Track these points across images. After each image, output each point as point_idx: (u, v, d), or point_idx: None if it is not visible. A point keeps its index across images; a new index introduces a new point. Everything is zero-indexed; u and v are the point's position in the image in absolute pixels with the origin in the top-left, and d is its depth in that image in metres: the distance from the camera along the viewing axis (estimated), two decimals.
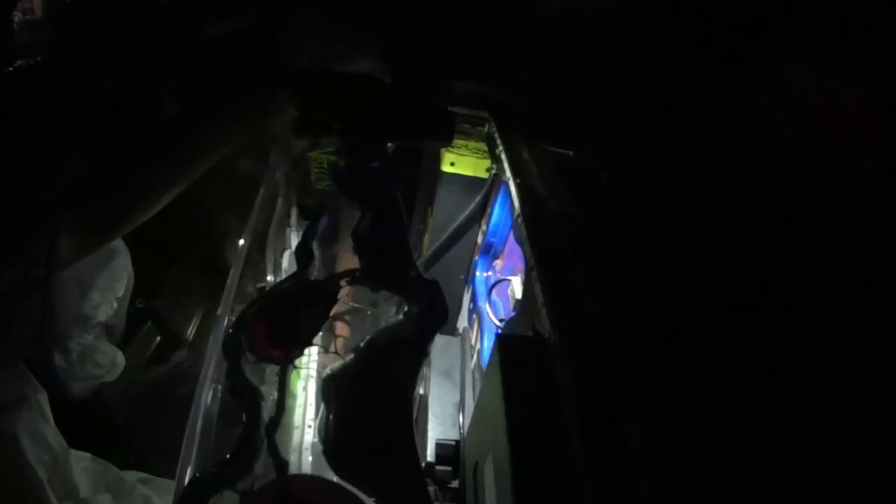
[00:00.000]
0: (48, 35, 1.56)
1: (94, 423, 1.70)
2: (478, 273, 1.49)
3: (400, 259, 0.94)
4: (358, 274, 0.94)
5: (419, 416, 1.41)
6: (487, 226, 1.44)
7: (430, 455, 1.20)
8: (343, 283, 0.94)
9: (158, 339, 2.02)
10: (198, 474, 0.89)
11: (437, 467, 1.17)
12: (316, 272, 0.96)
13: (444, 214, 1.54)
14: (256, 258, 1.18)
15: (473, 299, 1.48)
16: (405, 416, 0.91)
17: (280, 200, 1.33)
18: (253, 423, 0.88)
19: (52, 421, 1.46)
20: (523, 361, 0.89)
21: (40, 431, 1.45)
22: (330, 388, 0.88)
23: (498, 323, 1.29)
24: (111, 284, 1.83)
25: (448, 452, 1.16)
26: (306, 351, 0.93)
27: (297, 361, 0.93)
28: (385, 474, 0.89)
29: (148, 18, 1.45)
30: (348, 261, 1.51)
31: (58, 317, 1.66)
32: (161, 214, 1.30)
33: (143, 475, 1.51)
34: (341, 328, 1.65)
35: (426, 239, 1.60)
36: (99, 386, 1.81)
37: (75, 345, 1.74)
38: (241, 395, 0.89)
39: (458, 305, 1.58)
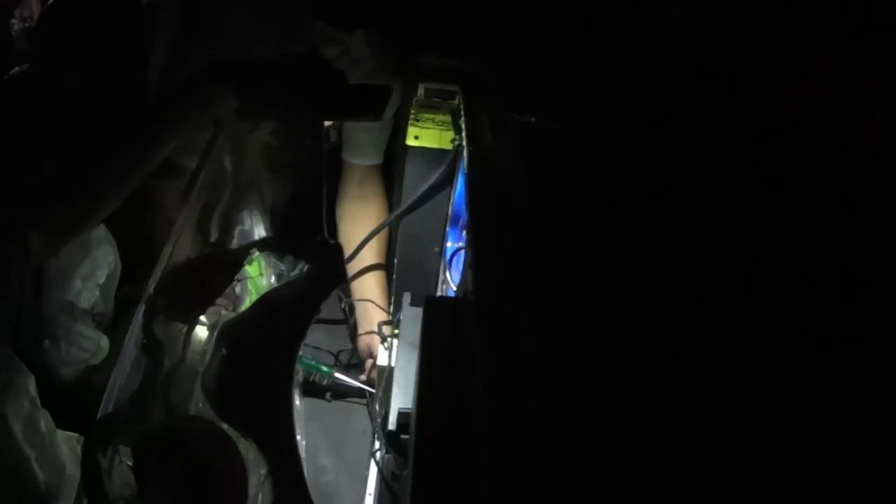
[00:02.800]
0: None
1: (83, 406, 1.72)
2: (449, 244, 1.51)
3: (307, 227, 1.05)
4: (264, 242, 1.04)
5: (385, 386, 1.43)
6: (454, 197, 1.45)
7: (393, 423, 1.22)
8: (253, 250, 1.04)
9: None
10: (102, 415, 1.02)
11: (401, 436, 1.19)
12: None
13: (413, 189, 1.58)
14: (199, 238, 1.22)
15: (445, 270, 1.50)
16: (285, 367, 1.00)
17: (229, 185, 1.37)
18: (153, 372, 0.98)
19: (39, 404, 1.50)
20: (445, 322, 0.91)
21: (28, 414, 1.51)
22: (219, 336, 0.96)
23: (455, 290, 1.31)
24: (92, 273, 1.90)
25: (409, 421, 1.18)
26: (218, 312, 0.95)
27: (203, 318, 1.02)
28: (256, 418, 0.95)
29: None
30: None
31: (45, 306, 1.72)
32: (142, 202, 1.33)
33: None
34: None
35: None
36: (86, 369, 1.86)
37: (63, 331, 1.83)
38: (147, 348, 0.99)
39: (434, 277, 1.59)
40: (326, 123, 1.81)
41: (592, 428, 0.66)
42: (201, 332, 1.08)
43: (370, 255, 1.87)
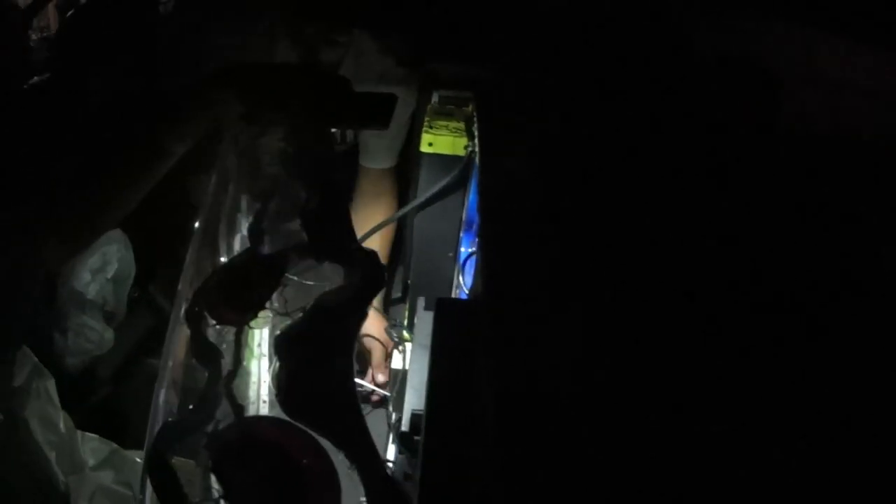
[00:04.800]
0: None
1: (85, 394, 1.85)
2: (462, 248, 1.52)
3: (342, 234, 1.07)
4: (303, 247, 1.06)
5: (399, 388, 1.45)
6: (468, 202, 1.47)
7: (406, 425, 1.23)
8: (291, 255, 1.07)
9: (154, 325, 2.15)
10: (168, 420, 1.04)
11: (415, 437, 1.21)
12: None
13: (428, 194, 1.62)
14: (211, 242, 1.25)
15: (459, 275, 1.52)
16: (346, 365, 1.04)
17: (232, 187, 1.40)
18: (214, 376, 1.02)
19: (59, 405, 1.55)
20: (455, 324, 0.93)
21: (48, 414, 1.58)
22: (280, 344, 1.01)
23: (467, 293, 1.33)
24: (102, 266, 1.99)
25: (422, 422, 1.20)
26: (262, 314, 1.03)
27: (252, 322, 1.06)
28: (328, 412, 1.01)
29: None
30: None
31: (56, 299, 1.75)
32: (155, 205, 1.35)
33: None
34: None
35: (414, 220, 1.71)
36: (91, 360, 1.98)
37: (70, 322, 1.93)
38: (202, 354, 1.03)
39: (448, 282, 1.61)
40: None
41: (602, 434, 0.69)
42: (253, 334, 1.12)
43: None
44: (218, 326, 1.06)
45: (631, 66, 1.42)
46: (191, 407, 1.02)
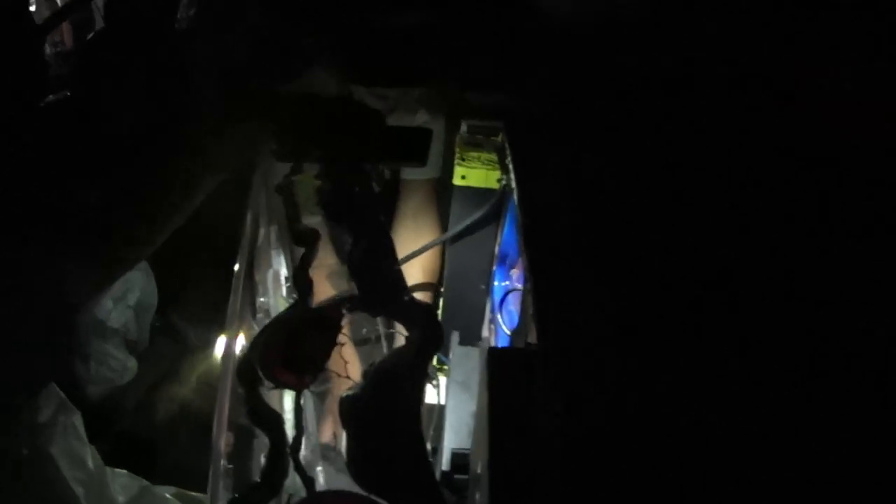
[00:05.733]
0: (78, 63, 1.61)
1: (106, 423, 1.80)
2: (496, 282, 1.51)
3: (394, 285, 1.04)
4: (356, 300, 1.04)
5: (436, 425, 1.44)
6: (502, 236, 1.45)
7: (447, 464, 1.23)
8: (344, 309, 1.05)
9: (177, 354, 2.18)
10: (234, 498, 1.04)
11: (456, 476, 1.20)
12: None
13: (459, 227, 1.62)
14: (250, 282, 1.24)
15: (492, 309, 1.51)
16: (416, 430, 1.00)
17: (263, 223, 1.39)
18: (278, 445, 0.98)
19: (86, 440, 1.55)
20: (510, 373, 0.94)
21: (75, 451, 1.57)
22: (348, 410, 0.97)
23: (508, 333, 1.31)
24: (124, 294, 2.00)
25: (464, 461, 1.22)
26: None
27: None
28: (403, 483, 0.97)
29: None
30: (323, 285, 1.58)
31: (78, 327, 1.75)
32: (180, 233, 1.35)
33: (175, 489, 1.59)
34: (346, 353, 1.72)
35: (446, 253, 1.72)
36: (112, 389, 1.98)
37: (93, 351, 1.93)
38: (262, 419, 1.00)
39: (481, 316, 1.61)
40: None
41: (670, 479, 0.70)
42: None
43: (418, 277, 1.87)
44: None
45: (656, 87, 1.41)
46: (255, 481, 0.99)
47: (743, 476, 0.70)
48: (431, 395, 1.64)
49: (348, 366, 1.72)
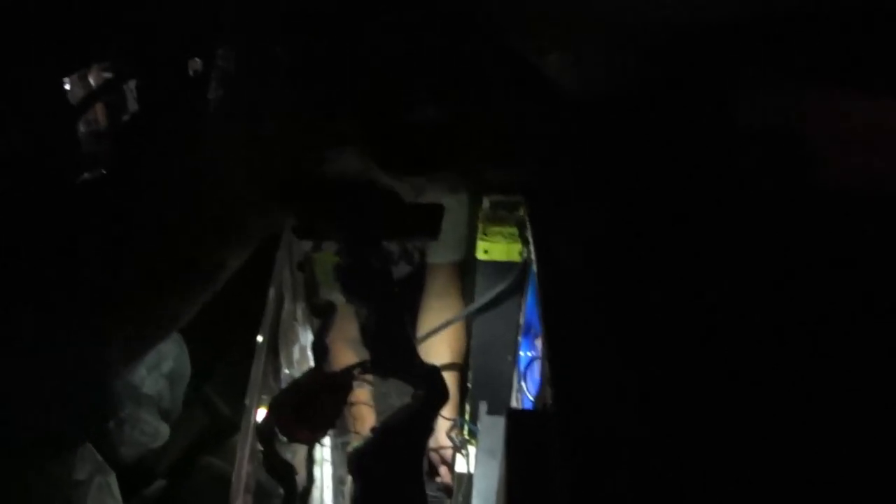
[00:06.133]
0: (112, 147, 1.67)
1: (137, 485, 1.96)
2: (521, 353, 1.54)
3: (404, 350, 1.09)
4: (368, 364, 1.11)
5: (465, 493, 1.46)
6: (525, 307, 1.48)
7: None
8: (356, 373, 1.12)
9: (209, 423, 2.26)
10: None
11: None
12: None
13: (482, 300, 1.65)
14: (273, 354, 1.28)
15: (519, 379, 1.52)
16: (418, 482, 1.05)
17: (287, 298, 1.43)
18: (290, 494, 1.07)
19: (120, 500, 1.62)
20: (527, 435, 1.01)
21: None
22: (355, 461, 1.03)
23: (532, 399, 1.33)
24: (158, 363, 2.06)
25: None
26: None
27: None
28: None
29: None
30: (343, 354, 1.62)
31: (113, 392, 1.81)
32: (214, 307, 1.40)
33: None
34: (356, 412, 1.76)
35: (472, 325, 1.73)
36: (145, 452, 2.02)
37: (127, 416, 1.98)
38: (277, 471, 1.08)
39: (508, 386, 1.63)
40: None
41: None
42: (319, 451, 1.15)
43: (444, 355, 1.90)
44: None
45: (677, 151, 1.42)
46: None
47: None
48: (461, 464, 1.66)
49: (363, 423, 1.79)
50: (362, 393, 1.88)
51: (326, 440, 1.48)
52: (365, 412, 1.90)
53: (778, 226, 1.18)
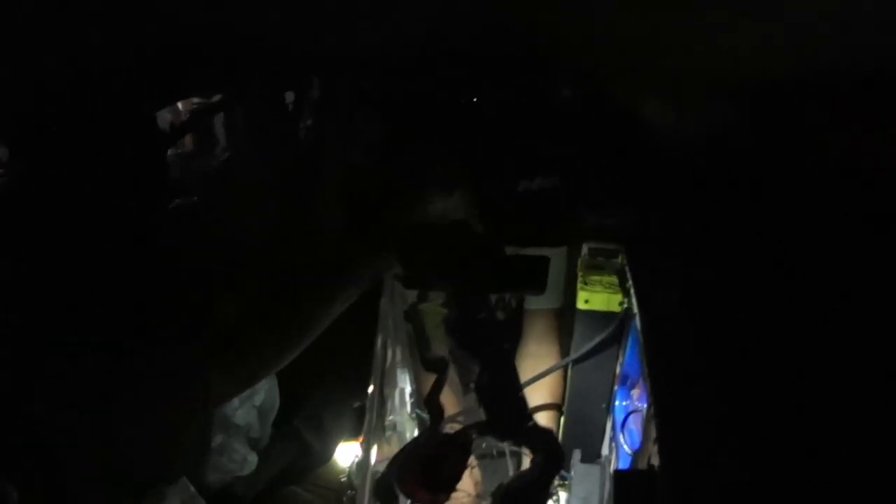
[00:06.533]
0: (202, 171, 1.69)
1: None
2: (617, 402, 1.53)
3: (519, 412, 1.09)
4: (485, 426, 1.09)
5: None
6: (623, 357, 1.48)
7: None
8: (473, 434, 1.09)
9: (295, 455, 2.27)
10: None
11: None
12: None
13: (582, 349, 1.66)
14: (382, 402, 1.29)
15: (613, 428, 1.52)
16: None
17: (391, 344, 1.44)
18: None
19: None
20: (635, 494, 1.01)
21: None
22: None
23: (630, 452, 1.33)
24: (250, 395, 2.07)
25: None
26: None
27: None
28: None
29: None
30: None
31: (210, 430, 1.89)
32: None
33: None
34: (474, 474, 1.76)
35: (569, 372, 1.73)
36: (232, 479, 2.05)
37: (217, 442, 2.00)
38: None
39: (601, 434, 1.62)
40: None
41: None
42: None
43: (543, 398, 1.89)
44: None
45: (776, 198, 1.40)
46: None
47: None
48: None
49: (474, 484, 1.78)
50: None
51: None
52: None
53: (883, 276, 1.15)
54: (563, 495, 1.66)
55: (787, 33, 1.04)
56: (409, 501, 1.13)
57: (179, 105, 1.93)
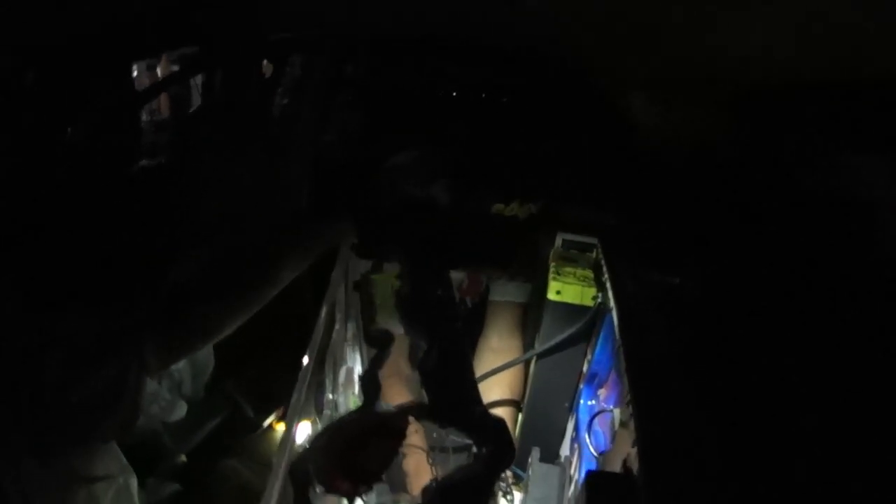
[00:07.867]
0: (174, 137, 1.65)
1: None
2: (581, 401, 1.45)
3: (466, 397, 0.99)
4: (424, 409, 0.99)
5: None
6: (592, 354, 1.39)
7: None
8: (409, 418, 0.99)
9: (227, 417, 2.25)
10: None
11: None
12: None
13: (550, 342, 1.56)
14: (316, 372, 1.21)
15: (576, 428, 1.45)
16: None
17: (339, 317, 1.35)
18: None
19: (137, 500, 1.60)
20: (609, 499, 0.92)
21: None
22: None
23: (596, 455, 1.24)
24: None
25: None
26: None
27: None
28: None
29: None
30: (396, 390, 1.52)
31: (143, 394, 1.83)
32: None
33: None
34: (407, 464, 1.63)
35: (532, 366, 1.64)
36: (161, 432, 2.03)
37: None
38: None
39: (562, 434, 1.54)
40: None
41: None
42: None
43: (502, 393, 1.80)
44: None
45: (750, 209, 1.37)
46: None
47: None
48: None
49: (415, 479, 1.66)
50: (416, 438, 1.74)
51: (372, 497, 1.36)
52: (416, 461, 1.79)
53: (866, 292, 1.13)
54: (518, 495, 1.57)
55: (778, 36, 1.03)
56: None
57: (157, 67, 1.89)
